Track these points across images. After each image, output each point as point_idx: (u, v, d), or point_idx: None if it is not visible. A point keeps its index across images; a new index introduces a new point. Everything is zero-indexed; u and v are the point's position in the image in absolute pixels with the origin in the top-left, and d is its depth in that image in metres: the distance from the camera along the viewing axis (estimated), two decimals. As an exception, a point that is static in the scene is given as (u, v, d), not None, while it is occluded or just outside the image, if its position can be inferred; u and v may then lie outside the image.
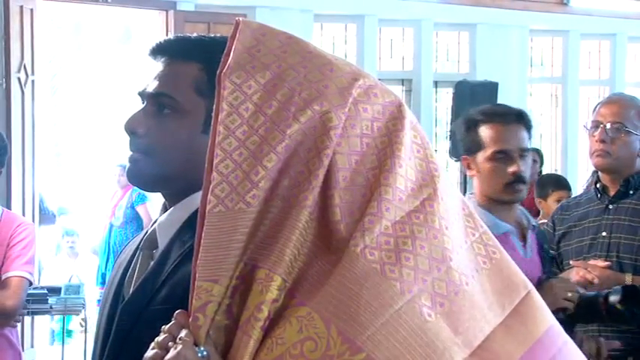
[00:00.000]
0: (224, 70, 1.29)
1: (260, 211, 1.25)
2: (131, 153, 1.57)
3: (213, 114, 1.28)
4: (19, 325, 3.53)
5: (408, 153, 1.32)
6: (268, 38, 1.32)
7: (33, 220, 6.48)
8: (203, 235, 1.25)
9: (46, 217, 7.59)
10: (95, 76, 15.99)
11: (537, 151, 8.32)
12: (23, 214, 6.31)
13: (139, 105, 1.59)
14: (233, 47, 1.31)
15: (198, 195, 1.32)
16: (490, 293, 1.31)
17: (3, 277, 3.29)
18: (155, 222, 1.62)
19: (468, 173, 2.81)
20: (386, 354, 1.19)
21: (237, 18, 1.35)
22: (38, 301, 5.37)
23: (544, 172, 8.77)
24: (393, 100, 1.35)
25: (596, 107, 3.11)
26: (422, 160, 1.34)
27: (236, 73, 1.28)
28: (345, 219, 1.26)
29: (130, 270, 1.61)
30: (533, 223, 2.83)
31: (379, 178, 1.28)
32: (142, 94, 1.57)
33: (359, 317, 1.20)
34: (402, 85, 9.06)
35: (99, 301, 8.40)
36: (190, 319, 1.24)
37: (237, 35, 1.32)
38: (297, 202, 1.26)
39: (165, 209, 1.61)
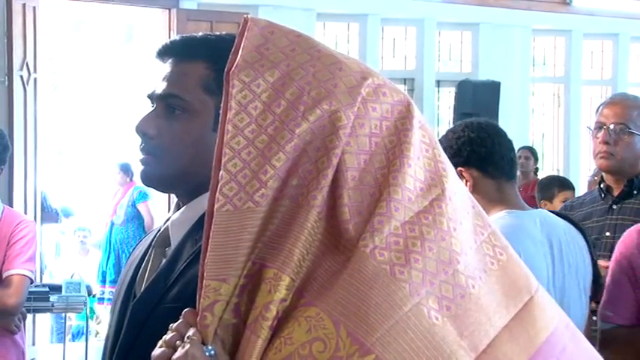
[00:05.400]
0: (232, 69, 1.28)
1: (268, 211, 1.24)
2: (142, 155, 1.57)
3: (221, 112, 1.27)
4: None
5: (417, 152, 1.30)
6: (277, 36, 1.31)
7: (35, 219, 6.48)
8: (211, 234, 1.24)
9: (49, 215, 7.59)
10: (97, 75, 15.98)
11: (530, 149, 8.34)
12: (25, 212, 6.30)
13: (148, 107, 1.58)
14: (241, 45, 1.30)
15: None
16: (497, 295, 1.30)
17: (4, 275, 3.29)
18: (168, 220, 1.62)
19: None
20: (395, 356, 1.18)
21: (245, 15, 1.34)
22: (40, 299, 5.37)
23: (543, 172, 8.81)
24: (402, 99, 1.33)
25: (598, 108, 3.09)
26: (430, 159, 1.33)
27: (244, 72, 1.27)
28: (354, 219, 1.25)
29: (141, 268, 1.61)
30: None
31: (388, 178, 1.27)
32: (151, 96, 1.58)
33: (368, 318, 1.19)
34: (405, 84, 9.05)
35: (99, 299, 8.44)
36: (198, 318, 1.24)
37: (246, 33, 1.30)
38: (305, 201, 1.25)
39: (178, 207, 1.61)
